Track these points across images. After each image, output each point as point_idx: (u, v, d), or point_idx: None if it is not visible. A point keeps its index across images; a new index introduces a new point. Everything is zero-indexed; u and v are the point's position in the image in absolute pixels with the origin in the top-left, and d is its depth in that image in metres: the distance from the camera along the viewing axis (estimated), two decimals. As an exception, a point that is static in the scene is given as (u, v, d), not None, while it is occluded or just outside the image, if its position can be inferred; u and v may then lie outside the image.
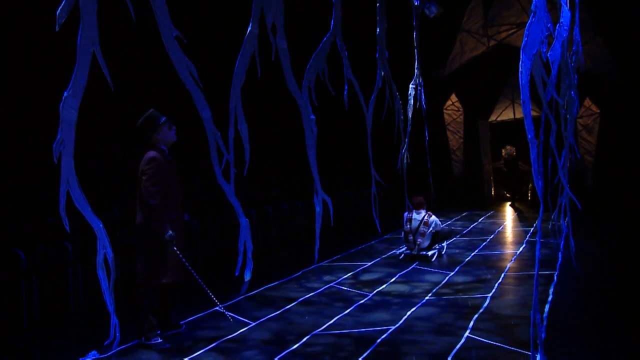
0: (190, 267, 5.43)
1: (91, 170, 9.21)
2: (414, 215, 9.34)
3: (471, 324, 5.56)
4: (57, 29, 4.24)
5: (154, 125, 5.32)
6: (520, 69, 3.75)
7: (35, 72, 9.32)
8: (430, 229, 9.17)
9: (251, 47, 5.47)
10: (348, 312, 6.14)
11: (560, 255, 8.38)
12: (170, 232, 5.08)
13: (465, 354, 4.77)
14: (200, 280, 5.51)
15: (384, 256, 9.32)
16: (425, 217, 9.23)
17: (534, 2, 3.95)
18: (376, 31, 7.49)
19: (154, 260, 5.19)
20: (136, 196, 5.29)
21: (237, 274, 5.86)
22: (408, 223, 9.29)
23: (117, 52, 9.19)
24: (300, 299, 6.73)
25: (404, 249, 9.51)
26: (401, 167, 10.01)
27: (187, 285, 5.71)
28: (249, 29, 5.47)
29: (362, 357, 4.76)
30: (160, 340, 5.14)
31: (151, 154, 5.21)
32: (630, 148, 13.61)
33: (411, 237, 9.18)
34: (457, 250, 9.65)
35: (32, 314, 6.21)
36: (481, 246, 9.93)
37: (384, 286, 7.26)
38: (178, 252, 5.23)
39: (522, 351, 4.71)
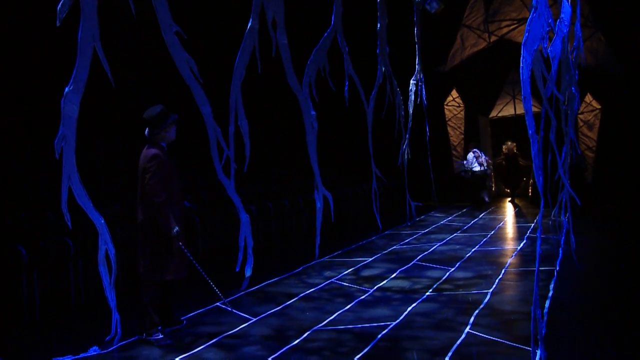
0: (196, 263, 5.45)
1: (92, 166, 9.22)
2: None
3: (472, 319, 5.57)
4: (57, 24, 4.24)
5: (165, 122, 5.28)
6: (521, 65, 3.75)
7: (36, 68, 9.32)
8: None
9: (251, 42, 5.47)
10: (348, 308, 6.15)
11: (560, 251, 8.38)
12: (177, 228, 5.10)
13: (466, 349, 4.78)
14: (205, 275, 5.52)
15: (384, 252, 9.33)
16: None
17: (535, -2, 3.95)
18: (377, 27, 7.49)
19: (158, 256, 5.19)
20: (137, 193, 5.28)
21: (237, 269, 5.89)
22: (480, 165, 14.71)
23: (118, 47, 9.18)
24: (301, 295, 6.74)
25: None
26: (402, 162, 10.03)
27: (187, 281, 5.73)
28: (249, 24, 5.47)
29: (362, 353, 4.77)
30: (161, 336, 5.15)
31: (153, 151, 5.19)
32: (631, 144, 13.59)
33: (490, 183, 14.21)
34: (457, 246, 9.66)
35: (33, 310, 6.22)
36: (482, 242, 9.94)
37: (384, 282, 7.27)
38: (184, 248, 5.25)
39: (522, 347, 4.72)
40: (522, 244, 9.59)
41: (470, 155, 15.20)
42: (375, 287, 7.00)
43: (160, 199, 5.05)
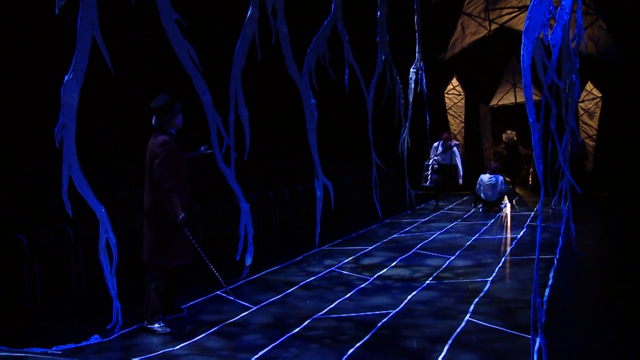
0: (200, 250, 5.46)
1: (93, 154, 9.21)
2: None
3: (471, 307, 5.59)
4: (56, 12, 4.22)
5: (172, 110, 5.29)
6: (522, 53, 3.73)
7: (36, 56, 9.29)
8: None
9: (251, 31, 5.44)
10: (349, 296, 6.16)
11: (560, 240, 8.39)
12: (183, 214, 5.12)
13: (466, 337, 4.80)
14: (208, 262, 5.53)
15: (384, 240, 9.34)
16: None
17: (536, -15, 3.92)
18: (377, 14, 7.45)
19: (163, 243, 5.21)
20: (144, 179, 5.30)
21: (238, 258, 5.90)
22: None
23: (118, 36, 9.14)
24: (301, 283, 6.75)
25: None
26: (402, 151, 10.01)
27: (188, 269, 5.74)
28: (249, 12, 5.44)
29: (362, 341, 4.78)
30: (162, 324, 5.17)
31: (162, 137, 5.22)
32: (631, 132, 13.57)
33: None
34: (457, 235, 9.67)
35: (34, 299, 6.24)
36: (482, 230, 9.95)
37: (384, 270, 7.29)
38: (189, 234, 5.27)
39: (522, 334, 4.74)
40: (522, 233, 9.60)
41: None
42: (376, 276, 7.01)
43: (168, 184, 5.07)
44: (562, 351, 4.43)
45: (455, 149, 13.25)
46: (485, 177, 12.55)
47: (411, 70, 10.15)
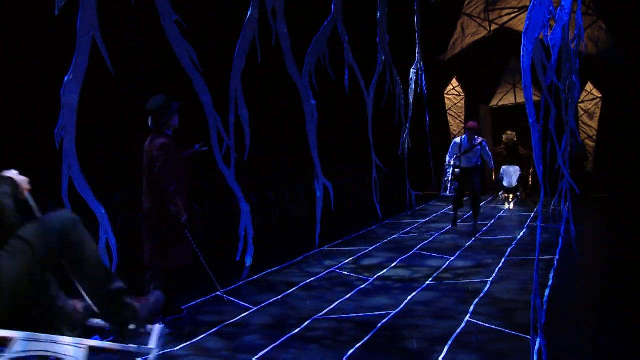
0: (199, 253, 5.47)
1: (93, 155, 9.21)
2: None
3: (471, 308, 5.58)
4: (56, 13, 4.22)
5: (169, 111, 5.30)
6: (522, 53, 3.73)
7: (36, 57, 9.28)
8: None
9: (251, 31, 5.45)
10: (349, 297, 6.16)
11: (560, 240, 8.39)
12: (186, 216, 5.14)
13: (466, 338, 4.80)
14: (206, 266, 5.53)
15: (384, 241, 9.34)
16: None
17: (536, -15, 3.92)
18: (377, 15, 7.45)
19: (164, 243, 5.23)
20: (144, 181, 5.30)
21: (238, 259, 5.90)
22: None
23: (117, 36, 9.14)
24: (301, 284, 6.75)
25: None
26: (402, 152, 10.00)
27: (188, 270, 5.73)
28: (249, 13, 5.45)
29: (362, 342, 4.78)
30: (162, 325, 5.16)
31: (161, 140, 5.23)
32: (631, 133, 13.56)
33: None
34: (457, 235, 9.67)
35: (35, 299, 6.22)
36: (482, 231, 9.94)
37: (384, 271, 7.28)
38: (189, 236, 5.28)
39: (522, 335, 4.74)
40: (522, 233, 9.60)
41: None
42: (376, 276, 7.01)
43: (171, 187, 5.11)
44: (562, 351, 4.43)
45: (484, 143, 10.33)
46: (507, 168, 14.99)
47: (411, 70, 10.15)
